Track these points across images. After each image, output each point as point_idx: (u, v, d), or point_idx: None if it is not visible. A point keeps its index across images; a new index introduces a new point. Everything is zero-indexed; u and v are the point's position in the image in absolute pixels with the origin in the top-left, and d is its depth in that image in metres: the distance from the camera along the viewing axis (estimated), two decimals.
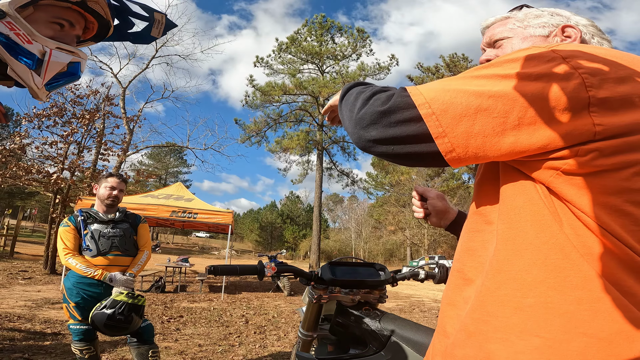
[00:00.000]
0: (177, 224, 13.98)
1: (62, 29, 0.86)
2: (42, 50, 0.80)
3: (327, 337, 1.45)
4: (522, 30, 0.87)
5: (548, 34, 0.84)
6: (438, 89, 0.64)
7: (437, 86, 0.65)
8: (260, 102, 24.31)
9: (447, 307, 0.73)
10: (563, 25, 0.83)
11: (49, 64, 0.81)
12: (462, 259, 0.75)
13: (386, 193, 39.24)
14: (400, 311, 8.04)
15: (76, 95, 11.30)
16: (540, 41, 0.83)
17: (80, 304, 2.58)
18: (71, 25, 0.87)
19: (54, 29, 0.84)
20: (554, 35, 0.84)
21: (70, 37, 0.88)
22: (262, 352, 4.15)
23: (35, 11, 0.82)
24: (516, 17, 0.89)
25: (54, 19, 0.84)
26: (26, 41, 0.77)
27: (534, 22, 0.86)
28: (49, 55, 0.81)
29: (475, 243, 0.72)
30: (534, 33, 0.85)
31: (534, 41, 0.84)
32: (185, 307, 6.79)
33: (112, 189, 2.78)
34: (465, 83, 0.63)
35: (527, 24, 0.87)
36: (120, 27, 0.97)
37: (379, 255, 43.10)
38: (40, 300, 6.22)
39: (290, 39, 25.26)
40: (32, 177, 10.40)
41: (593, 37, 0.84)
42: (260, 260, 1.37)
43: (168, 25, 0.99)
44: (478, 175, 0.76)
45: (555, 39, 0.83)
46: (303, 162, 27.04)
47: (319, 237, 23.92)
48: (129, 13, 0.95)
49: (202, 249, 48.46)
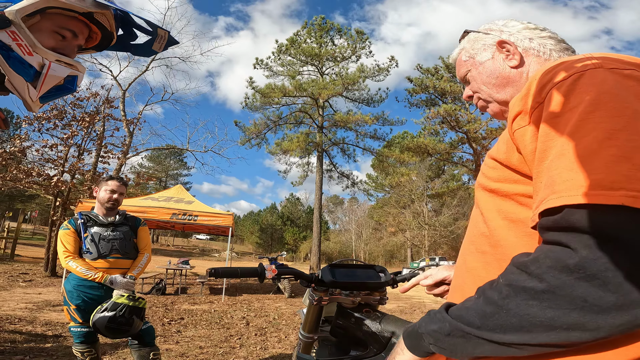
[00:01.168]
0: (178, 226, 13.97)
1: (64, 40, 0.85)
2: (41, 63, 0.79)
3: (327, 339, 1.46)
4: (473, 61, 0.89)
5: (492, 55, 0.86)
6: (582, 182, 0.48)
7: (578, 179, 0.49)
8: (260, 104, 24.36)
9: None
10: (498, 41, 0.85)
11: (47, 77, 0.81)
12: (462, 276, 0.74)
13: (386, 195, 39.26)
14: (401, 313, 8.03)
15: (76, 97, 11.29)
16: (491, 64, 0.85)
17: (81, 307, 2.59)
18: (74, 36, 0.86)
19: (56, 39, 0.84)
20: (498, 54, 0.85)
21: (71, 48, 0.87)
22: (263, 354, 4.14)
23: (41, 20, 0.81)
24: (465, 48, 0.92)
25: (58, 28, 0.83)
26: (27, 52, 0.76)
27: (476, 47, 0.89)
28: (47, 68, 0.80)
29: (478, 264, 0.71)
30: (482, 60, 0.87)
31: (485, 67, 0.86)
32: (186, 309, 6.78)
33: (112, 192, 2.78)
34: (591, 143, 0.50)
35: (473, 52, 0.89)
36: (123, 38, 0.98)
37: (380, 256, 43.03)
38: (41, 303, 6.22)
39: (290, 41, 25.31)
40: (33, 179, 10.39)
41: (531, 40, 0.84)
42: (260, 262, 1.38)
43: (170, 42, 0.99)
44: (487, 191, 0.72)
45: (499, 57, 0.85)
46: (303, 164, 27.10)
47: (319, 239, 23.92)
48: (133, 25, 0.95)
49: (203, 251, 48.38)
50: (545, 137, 0.55)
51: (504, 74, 0.84)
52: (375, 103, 26.22)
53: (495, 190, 0.69)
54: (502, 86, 0.85)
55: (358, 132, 26.12)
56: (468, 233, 0.79)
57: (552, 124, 0.55)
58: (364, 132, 26.11)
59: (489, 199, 0.71)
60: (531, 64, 0.82)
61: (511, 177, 0.66)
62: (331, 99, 25.17)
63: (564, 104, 0.55)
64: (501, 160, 0.68)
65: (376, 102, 26.16)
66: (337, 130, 26.22)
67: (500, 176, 0.68)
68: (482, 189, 0.74)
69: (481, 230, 0.72)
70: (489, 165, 0.73)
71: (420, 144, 26.14)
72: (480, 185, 0.74)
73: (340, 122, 24.84)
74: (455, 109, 24.22)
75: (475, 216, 0.76)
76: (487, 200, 0.71)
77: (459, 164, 29.38)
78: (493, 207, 0.69)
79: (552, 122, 0.55)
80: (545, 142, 0.55)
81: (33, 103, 0.82)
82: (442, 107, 24.28)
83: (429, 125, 26.39)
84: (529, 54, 0.83)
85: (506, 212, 0.66)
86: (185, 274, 11.30)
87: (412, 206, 34.92)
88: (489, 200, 0.71)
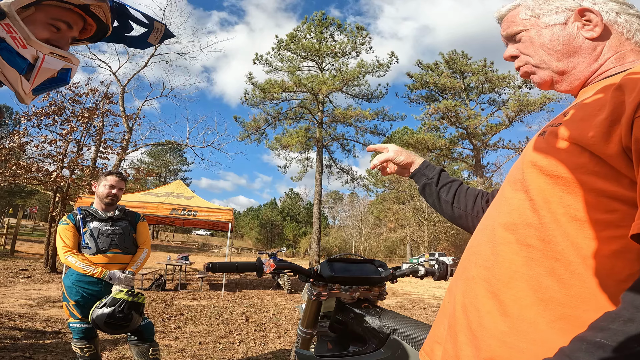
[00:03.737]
0: (177, 221, 13.97)
1: (59, 31, 0.84)
2: (35, 56, 0.78)
3: (326, 335, 1.45)
4: (536, 21, 0.79)
5: (565, 21, 0.76)
6: None
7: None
8: (259, 99, 24.30)
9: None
10: (579, 8, 0.75)
11: (40, 70, 0.80)
12: (492, 268, 0.66)
13: (386, 190, 39.28)
14: (401, 308, 8.05)
15: (75, 93, 11.27)
16: (560, 30, 0.76)
17: (80, 302, 2.58)
18: (69, 27, 0.85)
19: (50, 31, 0.82)
20: (573, 22, 0.76)
21: (65, 40, 0.86)
22: (262, 350, 4.15)
23: (35, 11, 0.80)
24: (526, 5, 0.82)
25: (52, 20, 0.82)
26: (21, 45, 0.75)
27: (546, 9, 0.79)
28: (41, 61, 0.79)
29: (518, 258, 0.63)
30: (549, 22, 0.77)
31: (552, 31, 0.77)
32: (186, 305, 6.79)
33: (111, 187, 2.77)
34: None
35: (540, 12, 0.79)
36: (118, 30, 0.96)
37: (379, 252, 43.13)
38: (40, 299, 6.23)
39: (290, 37, 25.20)
40: (32, 175, 10.39)
41: (618, 14, 0.74)
42: (258, 257, 1.37)
43: (166, 35, 0.98)
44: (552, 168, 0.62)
45: (574, 25, 0.75)
46: (303, 160, 27.06)
47: (319, 234, 23.96)
48: (129, 17, 0.94)
49: (203, 246, 48.50)
50: None
51: (574, 43, 0.75)
52: (375, 99, 26.16)
53: (565, 179, 0.60)
54: (566, 55, 0.76)
55: (358, 128, 26.09)
56: (501, 218, 0.69)
57: None
58: (363, 128, 26.07)
59: (549, 186, 0.62)
60: (611, 41, 0.74)
61: (596, 169, 0.58)
62: (331, 95, 25.11)
63: None
64: (589, 147, 0.58)
65: (376, 97, 26.10)
66: (336, 125, 26.19)
67: (580, 164, 0.59)
68: (540, 172, 0.64)
69: (528, 219, 0.63)
70: (559, 146, 0.63)
71: (420, 140, 26.12)
72: (539, 167, 0.64)
73: (340, 117, 24.80)
74: (455, 104, 24.20)
75: (518, 201, 0.66)
76: (544, 187, 0.62)
77: (459, 159, 29.36)
78: (553, 197, 0.61)
79: None
80: None
81: (26, 95, 0.81)
82: (442, 103, 24.26)
83: (429, 121, 26.37)
84: (613, 29, 0.74)
85: (570, 208, 0.59)
86: (185, 270, 11.33)
87: (412, 202, 34.97)
88: (547, 188, 0.62)
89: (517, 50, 0.83)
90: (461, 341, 0.67)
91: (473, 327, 0.65)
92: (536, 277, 0.60)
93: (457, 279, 0.76)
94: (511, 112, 23.89)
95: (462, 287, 0.72)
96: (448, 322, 0.74)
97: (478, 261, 0.70)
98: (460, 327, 0.69)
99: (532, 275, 0.59)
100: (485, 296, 0.65)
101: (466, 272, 0.73)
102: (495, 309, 0.63)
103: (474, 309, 0.66)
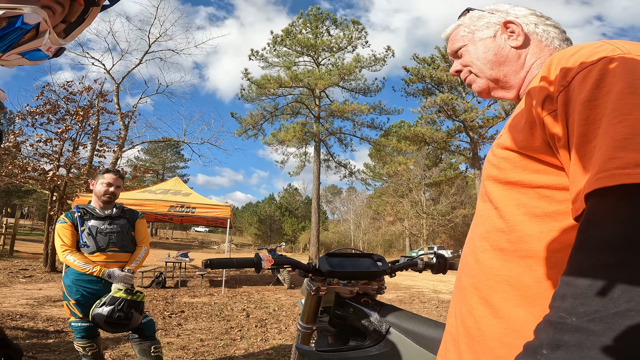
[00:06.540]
0: (176, 218, 13.97)
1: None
2: None
3: (326, 329, 1.46)
4: (472, 36, 0.91)
5: (494, 34, 0.87)
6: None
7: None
8: (256, 95, 24.18)
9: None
10: (504, 21, 0.86)
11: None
12: (476, 276, 0.70)
13: (384, 184, 39.30)
14: (400, 302, 8.09)
15: (69, 92, 11.19)
16: (491, 42, 0.87)
17: (80, 301, 2.58)
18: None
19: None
20: (500, 34, 0.87)
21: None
22: (263, 346, 4.17)
23: None
24: (464, 24, 0.94)
25: None
26: None
27: (479, 25, 0.90)
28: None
29: (496, 262, 0.68)
30: (482, 36, 0.89)
31: (485, 43, 0.88)
32: (186, 302, 6.81)
33: (108, 185, 2.76)
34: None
35: (474, 28, 0.91)
36: None
37: (378, 246, 43.27)
38: (41, 299, 6.23)
39: (285, 32, 25.04)
40: (28, 175, 10.33)
41: (537, 26, 0.86)
42: (257, 252, 1.37)
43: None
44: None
45: (502, 37, 0.86)
46: (300, 154, 26.99)
47: (317, 229, 23.98)
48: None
49: (202, 243, 48.51)
50: (584, 121, 0.54)
51: (502, 52, 0.86)
52: (372, 93, 26.06)
53: (514, 182, 0.66)
54: (497, 64, 0.86)
55: (355, 122, 26.01)
56: (477, 229, 0.75)
57: (589, 107, 0.54)
58: (360, 122, 25.99)
59: (505, 192, 0.68)
60: (532, 48, 0.84)
61: (532, 167, 0.64)
62: (327, 89, 24.99)
63: (598, 88, 0.54)
64: (519, 149, 0.65)
65: (373, 91, 26.00)
66: (334, 120, 26.09)
67: (518, 167, 0.66)
68: (495, 182, 0.70)
69: (496, 226, 0.68)
70: (500, 156, 0.69)
71: (418, 133, 26.12)
72: (493, 178, 0.71)
73: (337, 112, 24.72)
74: (452, 98, 24.17)
75: (486, 211, 0.72)
76: (502, 194, 0.68)
77: (456, 152, 29.40)
78: (511, 202, 0.66)
79: (589, 105, 0.54)
80: (585, 126, 0.54)
81: None
82: (439, 97, 24.21)
83: (425, 114, 26.36)
84: (533, 38, 0.85)
85: (528, 206, 0.64)
86: (184, 267, 11.34)
87: (410, 195, 35.03)
88: (505, 194, 0.68)
89: (460, 64, 0.94)
90: (462, 349, 0.71)
91: (473, 333, 0.69)
92: (516, 277, 0.63)
93: (454, 291, 0.82)
94: (507, 105, 23.89)
95: (459, 298, 0.77)
96: (451, 336, 0.78)
97: (467, 271, 0.76)
98: (461, 336, 0.72)
99: (512, 275, 0.63)
100: (478, 302, 0.69)
101: (459, 283, 0.79)
102: (489, 312, 0.66)
103: (470, 316, 0.70)
